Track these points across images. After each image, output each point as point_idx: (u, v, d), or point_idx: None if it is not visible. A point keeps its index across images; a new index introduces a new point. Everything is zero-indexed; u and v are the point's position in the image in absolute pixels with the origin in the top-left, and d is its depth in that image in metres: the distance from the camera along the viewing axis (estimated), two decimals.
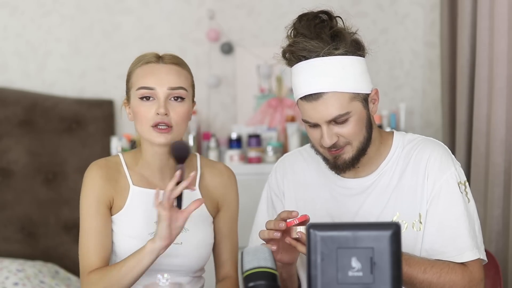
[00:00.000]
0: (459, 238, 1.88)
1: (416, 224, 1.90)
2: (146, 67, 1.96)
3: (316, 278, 1.44)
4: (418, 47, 3.73)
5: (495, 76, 2.66)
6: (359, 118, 1.88)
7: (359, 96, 1.87)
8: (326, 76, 1.84)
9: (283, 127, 3.58)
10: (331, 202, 1.97)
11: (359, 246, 1.44)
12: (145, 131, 1.96)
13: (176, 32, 3.69)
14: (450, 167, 1.92)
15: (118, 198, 1.99)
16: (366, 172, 1.96)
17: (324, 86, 1.84)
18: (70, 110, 3.53)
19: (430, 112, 3.72)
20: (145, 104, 1.94)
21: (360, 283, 1.44)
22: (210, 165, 2.10)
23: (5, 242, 3.45)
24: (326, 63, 1.85)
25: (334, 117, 1.85)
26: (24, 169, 3.48)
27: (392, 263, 1.44)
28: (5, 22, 3.65)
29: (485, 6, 2.76)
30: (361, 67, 1.88)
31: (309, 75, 1.86)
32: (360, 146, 1.89)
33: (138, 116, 1.96)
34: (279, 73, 3.64)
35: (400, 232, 1.45)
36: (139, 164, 2.03)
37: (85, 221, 1.97)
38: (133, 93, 1.96)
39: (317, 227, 1.46)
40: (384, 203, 1.93)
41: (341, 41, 1.86)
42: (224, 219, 2.08)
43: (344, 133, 1.87)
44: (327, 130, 1.86)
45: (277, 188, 2.06)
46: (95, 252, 1.94)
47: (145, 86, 1.93)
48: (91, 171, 2.00)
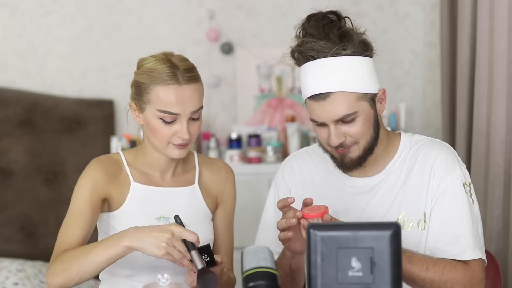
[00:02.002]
0: (462, 236, 1.88)
1: (421, 223, 1.92)
2: (168, 89, 1.92)
3: (316, 278, 1.44)
4: (418, 47, 3.73)
5: (495, 76, 2.66)
6: (366, 118, 1.89)
7: (366, 96, 1.88)
8: (334, 76, 1.86)
9: (283, 127, 3.58)
10: (338, 201, 1.99)
11: (359, 246, 1.44)
12: (162, 147, 1.97)
13: (176, 32, 3.69)
14: (456, 168, 1.93)
15: (117, 194, 2.00)
16: (373, 171, 1.98)
17: (332, 86, 1.86)
18: (70, 110, 3.53)
19: (430, 112, 3.72)
20: (165, 125, 1.94)
21: (360, 283, 1.44)
22: (208, 162, 2.12)
23: (5, 242, 3.45)
24: (333, 63, 1.86)
25: (341, 116, 1.86)
26: (24, 169, 3.48)
27: (392, 263, 1.44)
28: (5, 22, 3.65)
29: (485, 6, 2.76)
30: (368, 67, 1.90)
31: (317, 75, 1.87)
32: (367, 145, 1.91)
33: (155, 133, 1.96)
34: (279, 73, 3.64)
35: (400, 232, 1.45)
36: (140, 162, 2.04)
37: (74, 203, 1.98)
38: (151, 110, 1.95)
39: (317, 227, 1.46)
40: (390, 202, 1.95)
41: (349, 41, 1.87)
42: (221, 214, 2.11)
43: (352, 132, 1.88)
44: (334, 129, 1.88)
45: (284, 187, 2.08)
46: (74, 234, 1.93)
47: (168, 111, 1.92)
48: (91, 165, 2.01)
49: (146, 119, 1.97)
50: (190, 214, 2.02)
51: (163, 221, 1.99)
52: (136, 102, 1.99)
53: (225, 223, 2.11)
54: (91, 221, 1.96)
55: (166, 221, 1.99)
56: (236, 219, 2.18)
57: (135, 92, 1.99)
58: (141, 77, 1.97)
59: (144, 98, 1.96)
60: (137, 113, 2.00)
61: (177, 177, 2.06)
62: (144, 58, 2.00)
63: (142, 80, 1.96)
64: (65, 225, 1.96)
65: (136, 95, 1.99)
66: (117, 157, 2.05)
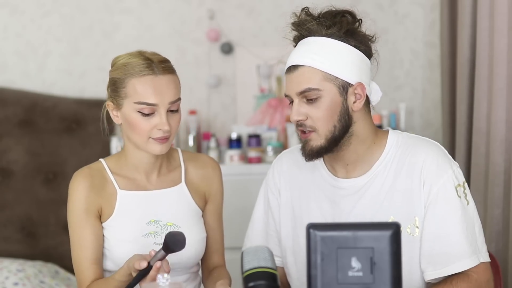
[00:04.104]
0: (456, 247, 1.85)
1: (411, 228, 1.88)
2: (144, 80, 1.92)
3: (316, 278, 1.44)
4: (418, 47, 3.73)
5: (495, 76, 2.65)
6: (331, 104, 1.85)
7: (336, 80, 1.85)
8: (310, 52, 1.86)
9: (283, 127, 3.58)
10: (325, 202, 1.96)
11: (359, 246, 1.44)
12: (142, 142, 1.95)
13: (176, 32, 3.69)
14: (447, 170, 1.88)
15: (106, 205, 1.99)
16: (358, 172, 1.94)
17: (302, 59, 1.86)
18: (70, 110, 3.53)
19: (430, 112, 3.72)
20: (144, 118, 1.92)
21: (360, 283, 1.44)
22: (193, 158, 2.10)
23: (5, 242, 3.45)
24: (317, 42, 1.87)
25: (303, 89, 1.85)
26: (24, 169, 3.48)
27: (392, 263, 1.44)
28: (5, 22, 3.65)
29: (485, 6, 2.76)
30: (355, 58, 1.87)
31: (297, 50, 1.89)
32: (330, 136, 1.86)
33: (135, 128, 1.94)
34: (279, 73, 3.64)
35: (400, 232, 1.45)
36: (124, 168, 2.02)
37: (75, 233, 1.98)
38: (129, 104, 1.93)
39: (317, 227, 1.46)
40: (378, 205, 1.90)
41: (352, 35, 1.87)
42: (211, 210, 2.10)
43: (313, 114, 1.86)
44: (296, 105, 1.87)
45: (273, 186, 2.06)
46: (89, 265, 1.95)
47: (146, 102, 1.91)
48: (75, 182, 1.99)
49: (124, 116, 1.95)
50: (180, 215, 2.02)
51: (154, 225, 1.98)
52: (113, 100, 1.97)
53: (216, 219, 2.10)
54: (98, 241, 1.97)
55: (157, 224, 1.98)
56: (236, 219, 2.18)
57: (112, 90, 1.97)
58: (116, 73, 1.96)
59: (121, 93, 1.94)
60: (115, 112, 1.98)
61: (162, 177, 2.04)
62: (118, 56, 2.01)
63: (117, 76, 1.95)
64: (76, 259, 1.97)
65: (113, 92, 1.97)
66: (99, 166, 2.02)
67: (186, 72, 3.60)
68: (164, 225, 1.99)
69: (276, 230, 2.04)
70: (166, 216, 2.00)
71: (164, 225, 1.99)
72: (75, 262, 1.97)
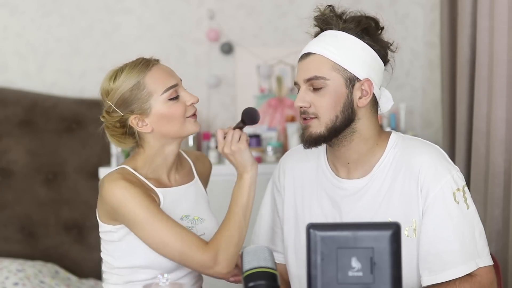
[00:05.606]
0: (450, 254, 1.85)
1: (409, 231, 1.88)
2: (154, 70, 1.97)
3: (316, 278, 1.44)
4: (418, 47, 3.73)
5: (495, 76, 2.65)
6: (336, 94, 1.88)
7: (345, 72, 1.88)
8: (323, 42, 1.90)
9: (283, 127, 3.58)
10: (327, 201, 1.97)
11: (359, 246, 1.44)
12: (181, 128, 1.98)
13: (176, 32, 3.69)
14: (446, 175, 1.88)
15: None
16: (360, 173, 1.95)
17: (316, 48, 1.89)
18: (70, 110, 3.53)
19: (430, 112, 3.72)
20: (175, 103, 1.97)
21: (360, 283, 1.44)
22: (192, 154, 2.18)
23: (5, 242, 3.45)
24: (332, 34, 1.91)
25: (311, 76, 1.88)
26: (24, 169, 3.48)
27: (392, 263, 1.44)
28: (5, 22, 3.65)
29: (485, 6, 2.76)
30: (367, 56, 1.90)
31: (313, 40, 1.93)
32: (330, 125, 1.88)
33: (173, 116, 1.96)
34: (279, 73, 3.64)
35: (400, 232, 1.45)
36: (148, 170, 2.00)
37: (153, 223, 1.89)
38: (157, 100, 1.94)
39: (317, 227, 1.46)
40: (376, 207, 1.91)
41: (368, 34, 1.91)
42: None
43: (317, 102, 1.88)
44: (302, 91, 1.90)
45: (278, 183, 2.09)
46: (188, 235, 1.90)
47: (170, 85, 1.96)
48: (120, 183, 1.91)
49: (157, 114, 1.95)
50: (201, 208, 2.06)
51: (185, 220, 2.00)
52: (136, 113, 1.95)
53: None
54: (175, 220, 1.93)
55: (187, 219, 2.00)
56: None
57: (128, 104, 1.95)
58: (128, 83, 1.95)
59: (143, 96, 1.94)
60: (141, 122, 1.96)
61: (180, 174, 2.07)
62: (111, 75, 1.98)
63: (131, 83, 1.94)
64: (173, 241, 1.89)
65: (132, 105, 1.95)
66: (126, 170, 1.98)
67: (186, 72, 3.60)
68: (193, 220, 2.02)
69: (281, 227, 2.07)
70: (193, 211, 2.03)
71: (192, 219, 2.02)
72: (175, 245, 1.89)
